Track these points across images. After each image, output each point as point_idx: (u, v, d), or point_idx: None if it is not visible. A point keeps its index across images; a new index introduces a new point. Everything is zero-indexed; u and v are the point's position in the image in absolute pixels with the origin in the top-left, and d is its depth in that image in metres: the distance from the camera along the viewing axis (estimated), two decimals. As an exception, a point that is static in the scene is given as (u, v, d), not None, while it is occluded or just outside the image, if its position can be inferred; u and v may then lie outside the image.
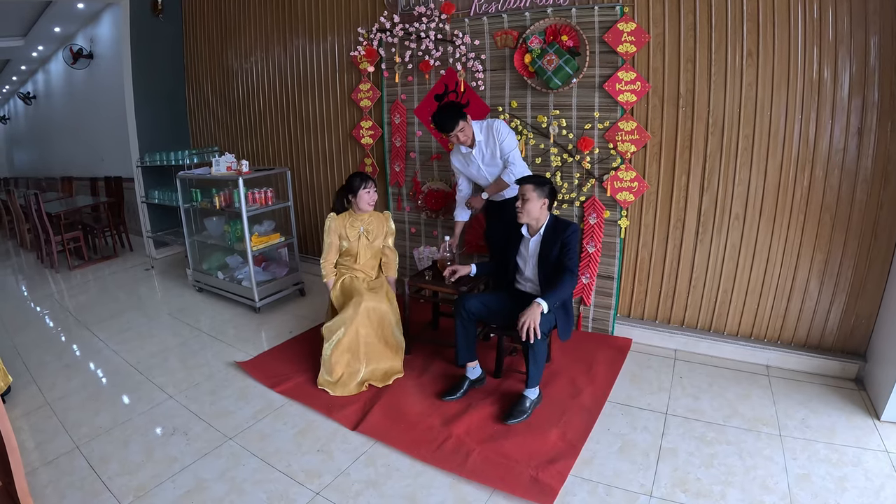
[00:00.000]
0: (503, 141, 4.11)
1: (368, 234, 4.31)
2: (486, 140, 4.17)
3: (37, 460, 3.23)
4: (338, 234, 4.27)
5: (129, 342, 4.90)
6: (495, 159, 4.20)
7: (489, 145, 4.17)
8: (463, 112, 4.07)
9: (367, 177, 4.22)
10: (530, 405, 3.58)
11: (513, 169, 4.08)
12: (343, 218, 4.29)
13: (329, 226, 4.25)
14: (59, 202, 8.89)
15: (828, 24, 3.51)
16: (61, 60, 10.12)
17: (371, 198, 4.22)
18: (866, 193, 3.63)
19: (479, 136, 4.17)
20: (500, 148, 4.13)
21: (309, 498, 2.89)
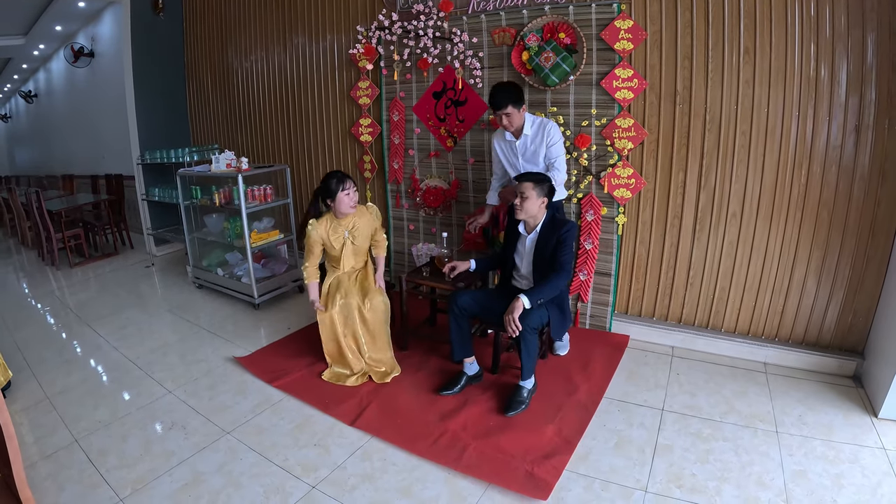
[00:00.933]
0: (553, 144, 3.91)
1: (354, 239, 4.09)
2: (535, 136, 3.96)
3: (36, 454, 3.25)
4: (320, 244, 4.05)
5: (128, 338, 4.92)
6: (537, 158, 3.98)
7: (536, 142, 3.96)
8: (519, 98, 3.85)
9: (344, 176, 3.93)
10: (527, 395, 3.62)
11: (556, 175, 3.85)
12: (324, 224, 4.03)
13: (311, 235, 4.00)
14: (59, 200, 8.91)
15: (825, 22, 3.51)
16: (62, 59, 10.15)
17: (352, 200, 3.94)
18: (864, 191, 3.64)
19: (529, 129, 3.96)
20: (549, 150, 3.92)
21: (305, 491, 2.90)
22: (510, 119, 3.87)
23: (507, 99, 3.81)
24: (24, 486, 1.98)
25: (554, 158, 3.91)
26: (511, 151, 4.10)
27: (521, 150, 4.03)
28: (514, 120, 3.88)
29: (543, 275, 3.66)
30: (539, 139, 3.93)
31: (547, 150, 3.92)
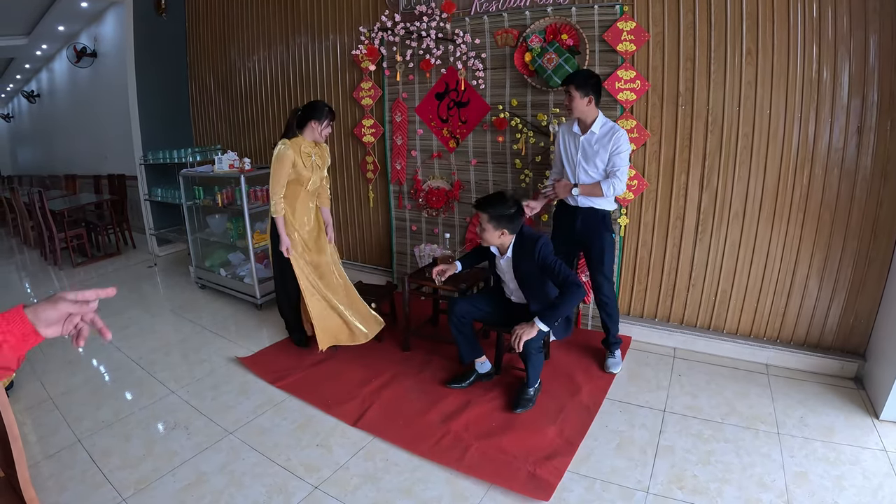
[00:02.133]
0: (619, 153, 3.72)
1: (318, 162, 4.26)
2: (602, 137, 3.75)
3: (39, 453, 3.26)
4: (291, 164, 4.05)
5: (131, 338, 4.93)
6: (595, 160, 3.80)
7: (601, 144, 3.76)
8: (585, 84, 3.66)
9: (330, 111, 4.18)
10: (534, 393, 3.66)
11: (616, 184, 3.73)
12: (294, 144, 4.10)
13: (283, 153, 4.03)
14: (62, 200, 8.93)
15: (827, 23, 3.52)
16: (65, 59, 10.17)
17: (326, 132, 4.21)
18: (866, 192, 3.64)
19: (598, 128, 3.76)
20: (613, 159, 3.74)
21: (308, 491, 2.91)
22: (571, 102, 3.72)
23: (572, 79, 3.71)
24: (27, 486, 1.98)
25: (618, 167, 3.73)
26: (573, 145, 3.91)
27: (583, 147, 3.84)
28: (579, 106, 3.72)
29: (535, 291, 3.60)
30: (605, 142, 3.75)
31: (611, 158, 3.75)
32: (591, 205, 3.92)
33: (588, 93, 3.67)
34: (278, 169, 4.03)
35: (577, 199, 3.92)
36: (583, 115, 3.76)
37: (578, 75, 3.70)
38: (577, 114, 3.77)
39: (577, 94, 3.67)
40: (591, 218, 3.93)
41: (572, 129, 3.89)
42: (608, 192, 3.76)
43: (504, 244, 3.58)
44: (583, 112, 3.74)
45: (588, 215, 3.94)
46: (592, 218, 3.93)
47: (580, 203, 3.93)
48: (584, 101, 3.69)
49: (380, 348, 4.54)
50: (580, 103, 3.70)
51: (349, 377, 4.07)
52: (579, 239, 4.02)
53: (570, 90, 3.68)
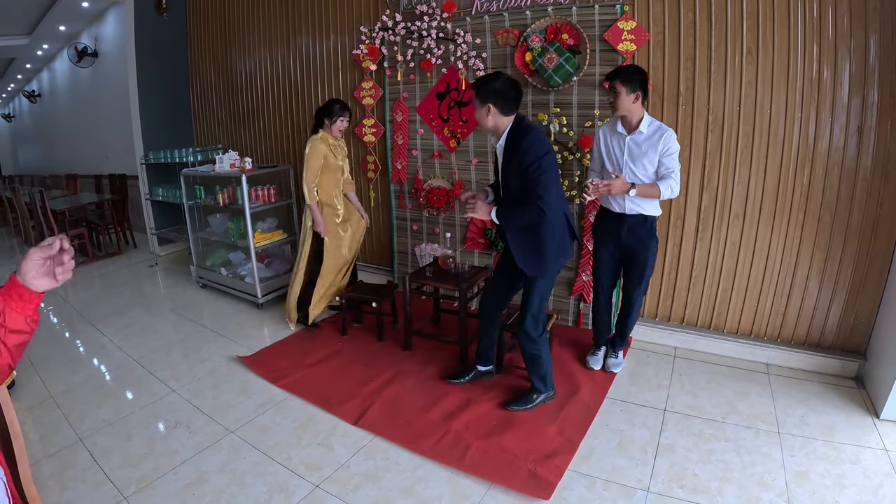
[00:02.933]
0: (671, 154, 3.49)
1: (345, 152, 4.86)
2: (650, 137, 3.50)
3: (40, 452, 3.26)
4: (322, 155, 4.54)
5: (132, 337, 4.94)
6: (643, 161, 3.53)
7: (651, 144, 3.50)
8: (632, 80, 3.40)
9: (345, 107, 4.61)
10: (537, 399, 3.63)
11: (673, 186, 3.48)
12: (323, 139, 4.58)
13: (316, 147, 4.51)
14: (63, 199, 8.95)
15: (828, 23, 3.52)
16: (66, 59, 10.18)
17: (343, 126, 4.64)
18: (866, 192, 3.64)
19: (646, 128, 3.50)
20: (664, 161, 3.49)
21: (308, 490, 2.91)
22: (616, 99, 3.46)
23: (618, 73, 3.45)
24: (29, 485, 1.98)
25: (672, 169, 3.49)
26: (617, 146, 3.63)
27: (629, 148, 3.57)
28: (621, 102, 3.45)
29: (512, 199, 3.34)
30: (654, 142, 3.49)
31: (662, 160, 3.50)
32: (639, 210, 3.64)
33: (635, 88, 3.41)
34: (312, 161, 4.49)
35: (626, 204, 3.64)
36: (629, 112, 3.50)
37: (625, 69, 3.45)
38: (623, 111, 3.51)
39: (623, 90, 3.42)
40: (639, 226, 3.68)
41: (616, 129, 3.62)
42: (666, 193, 3.49)
43: (499, 127, 3.28)
44: (629, 110, 3.48)
45: (636, 223, 3.67)
46: (641, 226, 3.68)
47: (627, 209, 3.65)
48: (631, 97, 3.43)
49: (381, 347, 4.56)
50: (626, 100, 3.44)
51: (350, 376, 4.07)
52: (624, 249, 3.78)
53: (616, 86, 3.44)
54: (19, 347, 1.47)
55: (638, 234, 3.69)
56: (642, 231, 3.68)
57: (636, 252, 3.74)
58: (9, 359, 1.46)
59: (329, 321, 5.14)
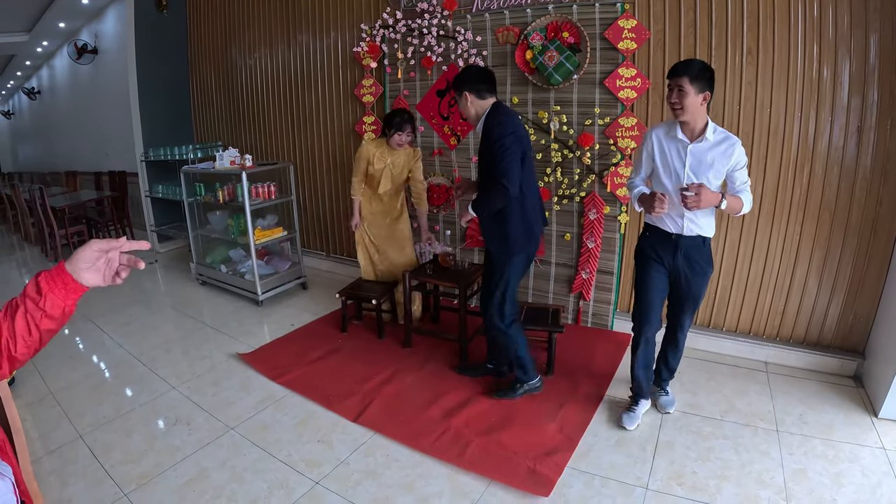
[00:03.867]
0: (742, 168, 3.01)
1: (393, 169, 4.56)
2: (717, 148, 2.98)
3: (40, 449, 3.26)
4: (367, 160, 4.52)
5: (132, 334, 4.94)
6: (707, 175, 3.00)
7: (716, 153, 2.98)
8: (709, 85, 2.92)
9: (408, 121, 4.37)
10: (520, 388, 3.68)
11: (748, 200, 3.02)
12: (377, 145, 4.53)
13: (362, 150, 4.54)
14: (63, 196, 8.96)
15: (828, 23, 3.53)
16: (66, 56, 10.17)
17: (402, 140, 4.40)
18: (865, 191, 3.65)
19: (712, 135, 2.98)
20: (736, 175, 3.01)
21: (309, 487, 2.92)
22: (682, 100, 2.91)
23: (686, 69, 2.89)
24: (31, 481, 1.99)
25: (747, 183, 3.04)
26: (676, 155, 3.08)
27: (692, 157, 3.03)
28: (688, 103, 2.92)
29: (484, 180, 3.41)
30: (722, 153, 2.98)
31: (732, 174, 3.02)
32: (698, 231, 3.13)
33: (704, 88, 2.91)
34: (356, 160, 4.59)
35: (683, 223, 3.12)
36: (694, 116, 2.97)
37: (693, 64, 2.90)
38: (688, 115, 2.96)
39: (691, 90, 2.89)
40: (696, 250, 3.16)
41: (675, 135, 3.06)
42: (748, 207, 3.04)
43: (479, 113, 3.38)
44: (695, 113, 2.96)
45: (693, 246, 3.16)
46: (699, 249, 3.16)
47: (686, 228, 3.13)
48: (699, 98, 2.91)
49: (381, 345, 4.56)
50: (694, 101, 2.91)
51: (350, 373, 4.08)
52: (678, 277, 3.24)
53: (683, 84, 2.89)
54: (49, 334, 1.45)
55: (695, 258, 3.17)
56: (700, 255, 3.17)
57: (691, 280, 3.20)
58: (37, 342, 1.44)
59: (330, 317, 5.16)
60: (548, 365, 4.00)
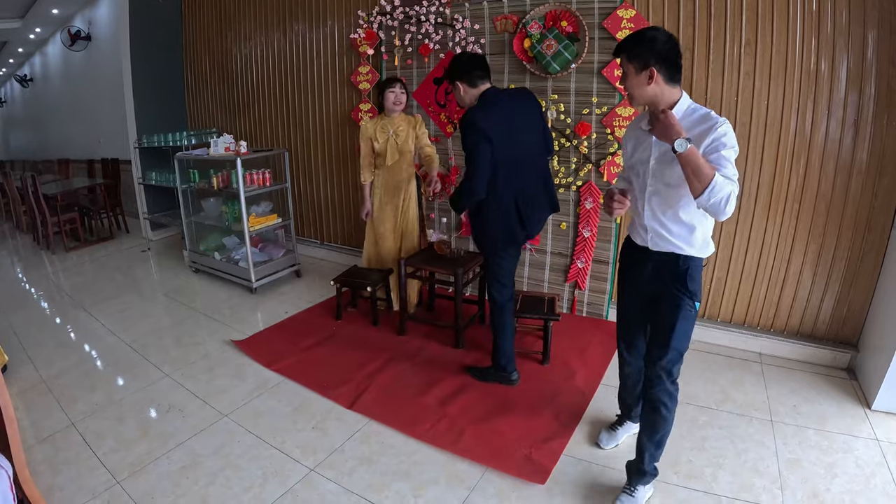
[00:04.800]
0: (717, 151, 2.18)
1: (398, 137, 4.49)
2: (692, 129, 2.25)
3: (32, 437, 3.25)
4: (369, 138, 4.52)
5: (124, 322, 4.91)
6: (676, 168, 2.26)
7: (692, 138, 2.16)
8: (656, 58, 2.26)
9: (395, 79, 4.43)
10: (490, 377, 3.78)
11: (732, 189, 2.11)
12: (375, 122, 4.55)
13: (362, 131, 4.55)
14: (55, 184, 8.89)
15: (826, 17, 3.52)
16: (59, 42, 10.10)
17: (396, 98, 4.39)
18: (861, 185, 3.66)
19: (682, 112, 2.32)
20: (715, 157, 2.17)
21: (303, 474, 2.92)
22: (624, 82, 2.41)
23: (623, 46, 2.37)
24: (23, 469, 1.98)
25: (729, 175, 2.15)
26: (642, 147, 2.49)
27: (659, 149, 2.39)
28: (629, 85, 2.38)
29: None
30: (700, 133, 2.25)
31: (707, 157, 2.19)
32: (668, 247, 2.48)
33: (647, 63, 2.28)
34: (361, 144, 4.58)
35: (648, 236, 2.53)
36: (650, 101, 2.36)
37: (629, 38, 2.35)
38: (639, 101, 2.41)
39: (630, 69, 2.35)
40: (669, 270, 2.50)
41: (641, 125, 2.48)
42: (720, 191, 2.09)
43: (472, 102, 3.40)
44: (647, 97, 2.35)
45: (664, 264, 2.52)
46: (671, 271, 2.49)
47: (651, 241, 2.53)
48: (643, 77, 2.30)
49: (375, 332, 4.56)
50: (637, 83, 2.34)
51: (344, 360, 4.07)
52: (647, 300, 2.66)
53: (623, 65, 2.39)
54: None
55: (667, 281, 2.52)
56: (674, 278, 2.49)
57: (661, 307, 2.55)
58: None
59: (324, 305, 5.16)
60: (543, 353, 4.00)
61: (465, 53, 3.40)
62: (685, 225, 2.43)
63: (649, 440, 2.63)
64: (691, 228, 2.43)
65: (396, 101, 4.41)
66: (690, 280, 2.47)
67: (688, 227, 2.43)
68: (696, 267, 2.48)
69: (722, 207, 2.13)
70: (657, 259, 2.53)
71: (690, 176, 2.15)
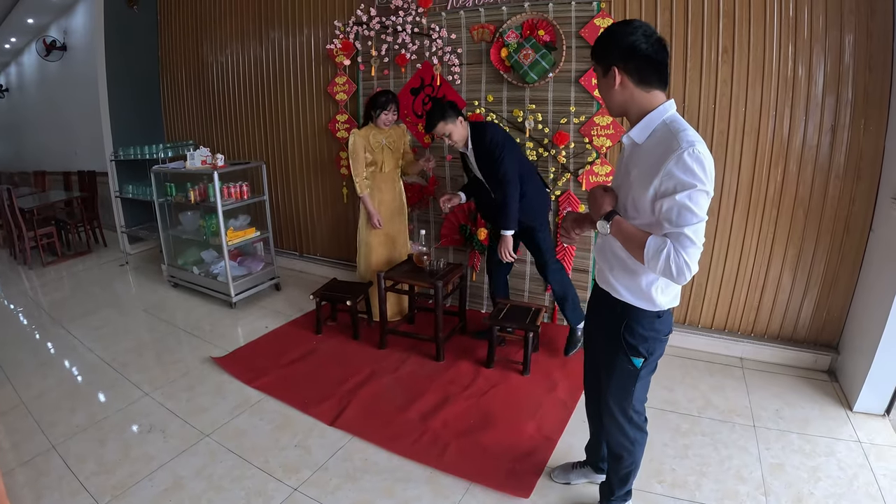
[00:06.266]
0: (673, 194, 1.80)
1: (391, 145, 4.61)
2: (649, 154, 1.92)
3: (13, 460, 3.19)
4: (363, 148, 4.51)
5: (103, 339, 4.85)
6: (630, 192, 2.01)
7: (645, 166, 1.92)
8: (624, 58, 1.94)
9: (392, 100, 4.45)
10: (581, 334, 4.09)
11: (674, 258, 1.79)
12: (366, 132, 4.53)
13: (354, 142, 4.49)
14: (31, 197, 8.76)
15: (803, 23, 3.55)
16: (34, 52, 9.98)
17: (388, 119, 4.47)
18: (839, 189, 3.69)
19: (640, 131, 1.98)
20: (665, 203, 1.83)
21: (287, 494, 2.89)
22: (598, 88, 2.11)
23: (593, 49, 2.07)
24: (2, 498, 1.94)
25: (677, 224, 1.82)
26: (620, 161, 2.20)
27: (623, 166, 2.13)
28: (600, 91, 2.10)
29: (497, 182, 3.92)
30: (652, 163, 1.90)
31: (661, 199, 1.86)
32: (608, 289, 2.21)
33: (610, 64, 1.97)
34: (353, 156, 4.52)
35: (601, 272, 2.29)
36: (621, 109, 2.04)
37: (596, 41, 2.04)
38: (610, 107, 2.09)
39: (599, 73, 2.06)
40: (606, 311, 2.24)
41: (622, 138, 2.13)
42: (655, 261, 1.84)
43: (464, 136, 3.94)
44: (617, 105, 2.04)
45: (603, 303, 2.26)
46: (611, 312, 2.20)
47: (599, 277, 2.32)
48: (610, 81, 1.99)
49: (356, 346, 4.53)
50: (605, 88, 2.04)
51: (325, 376, 4.04)
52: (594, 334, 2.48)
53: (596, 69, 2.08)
54: None
55: (605, 323, 2.25)
56: (610, 322, 2.21)
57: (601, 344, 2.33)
58: None
59: (304, 318, 5.13)
60: (524, 364, 4.00)
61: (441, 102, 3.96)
62: (628, 267, 2.10)
63: (615, 475, 2.52)
64: (634, 273, 2.08)
65: (387, 123, 4.49)
66: (629, 331, 2.13)
67: (631, 270, 2.09)
68: (638, 317, 2.11)
69: (673, 275, 1.81)
70: (601, 298, 2.28)
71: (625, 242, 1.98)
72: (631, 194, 1.99)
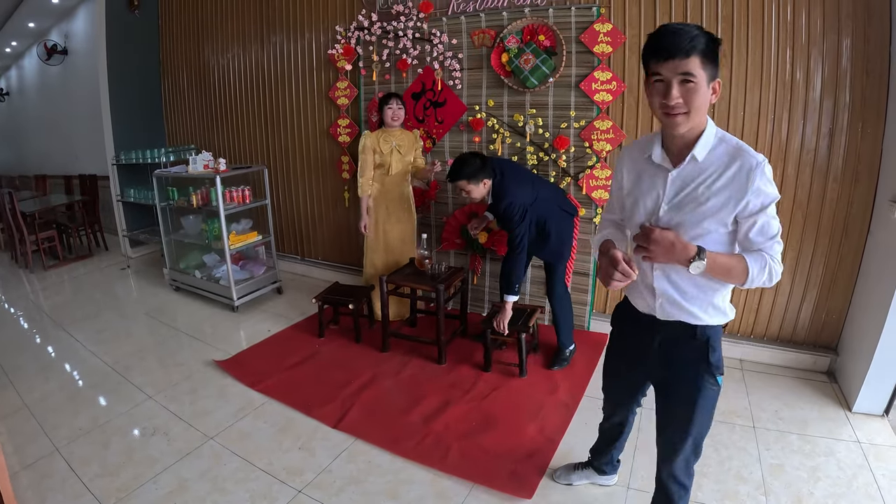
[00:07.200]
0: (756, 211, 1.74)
1: (401, 149, 4.58)
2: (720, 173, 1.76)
3: (16, 464, 3.20)
4: (373, 150, 4.56)
5: (106, 342, 4.86)
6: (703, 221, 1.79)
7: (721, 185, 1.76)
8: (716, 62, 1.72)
9: (392, 95, 4.52)
10: (569, 354, 4.18)
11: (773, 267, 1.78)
12: (377, 134, 4.57)
13: (364, 143, 4.55)
14: (33, 201, 8.77)
15: (801, 27, 3.58)
16: (35, 56, 10.00)
17: (395, 114, 4.50)
18: (837, 192, 3.72)
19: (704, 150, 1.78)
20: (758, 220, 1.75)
21: (291, 496, 2.90)
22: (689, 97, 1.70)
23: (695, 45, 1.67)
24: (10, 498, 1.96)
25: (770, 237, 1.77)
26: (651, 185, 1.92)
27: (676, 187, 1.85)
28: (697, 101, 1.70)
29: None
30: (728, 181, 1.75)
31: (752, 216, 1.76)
32: (682, 316, 1.97)
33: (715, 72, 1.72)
34: (361, 157, 4.58)
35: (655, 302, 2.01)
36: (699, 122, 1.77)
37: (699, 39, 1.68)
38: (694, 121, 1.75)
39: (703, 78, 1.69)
40: (682, 343, 2.01)
41: (650, 156, 1.90)
42: (758, 279, 1.78)
43: (484, 194, 3.83)
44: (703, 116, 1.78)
45: (675, 337, 2.02)
46: (685, 344, 2.01)
47: (659, 309, 2.01)
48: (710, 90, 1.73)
49: (358, 349, 4.55)
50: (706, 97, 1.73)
51: (328, 379, 4.06)
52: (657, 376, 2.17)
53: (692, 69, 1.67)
54: None
55: (676, 356, 2.04)
56: (688, 352, 2.01)
57: (674, 390, 2.11)
58: None
59: (307, 322, 5.14)
60: (519, 366, 4.03)
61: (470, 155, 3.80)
62: (705, 286, 1.90)
63: None
64: (713, 290, 1.92)
65: (395, 117, 4.50)
66: (712, 352, 1.98)
67: (709, 288, 1.91)
68: (716, 335, 1.99)
69: (770, 282, 1.80)
70: (668, 332, 2.02)
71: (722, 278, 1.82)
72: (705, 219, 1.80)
